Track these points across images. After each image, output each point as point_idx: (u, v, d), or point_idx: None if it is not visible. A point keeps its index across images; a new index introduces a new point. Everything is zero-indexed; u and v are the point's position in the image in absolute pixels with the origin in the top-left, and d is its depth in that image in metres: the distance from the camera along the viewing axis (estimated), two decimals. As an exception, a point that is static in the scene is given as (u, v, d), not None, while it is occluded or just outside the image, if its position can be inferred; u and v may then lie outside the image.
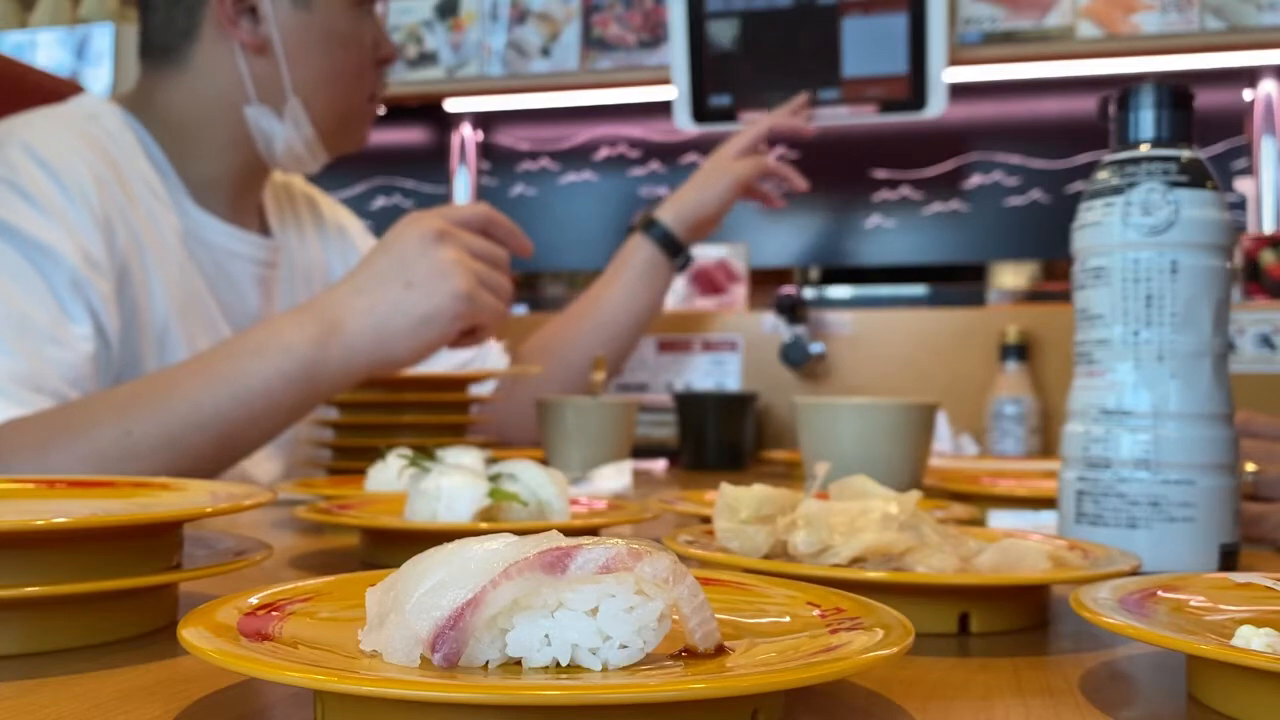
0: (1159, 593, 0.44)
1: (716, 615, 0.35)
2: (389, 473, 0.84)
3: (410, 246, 0.99)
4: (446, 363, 1.29)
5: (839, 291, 2.20)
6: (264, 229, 1.30)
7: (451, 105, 2.30)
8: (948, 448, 1.65)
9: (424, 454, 0.73)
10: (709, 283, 1.95)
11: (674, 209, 1.52)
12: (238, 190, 1.23)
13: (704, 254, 1.94)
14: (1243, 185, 1.98)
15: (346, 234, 1.44)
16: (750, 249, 2.00)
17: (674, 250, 1.52)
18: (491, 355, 1.40)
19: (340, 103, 1.22)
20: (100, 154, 1.10)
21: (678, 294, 1.97)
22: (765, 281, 2.20)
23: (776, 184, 1.67)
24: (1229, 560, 0.64)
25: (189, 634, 0.33)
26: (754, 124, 1.63)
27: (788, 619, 0.39)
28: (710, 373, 1.85)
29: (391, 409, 1.13)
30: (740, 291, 1.95)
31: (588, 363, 1.45)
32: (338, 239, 1.42)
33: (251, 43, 1.16)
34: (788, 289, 1.87)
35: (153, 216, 1.13)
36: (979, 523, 0.77)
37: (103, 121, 1.15)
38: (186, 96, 1.19)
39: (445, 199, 2.39)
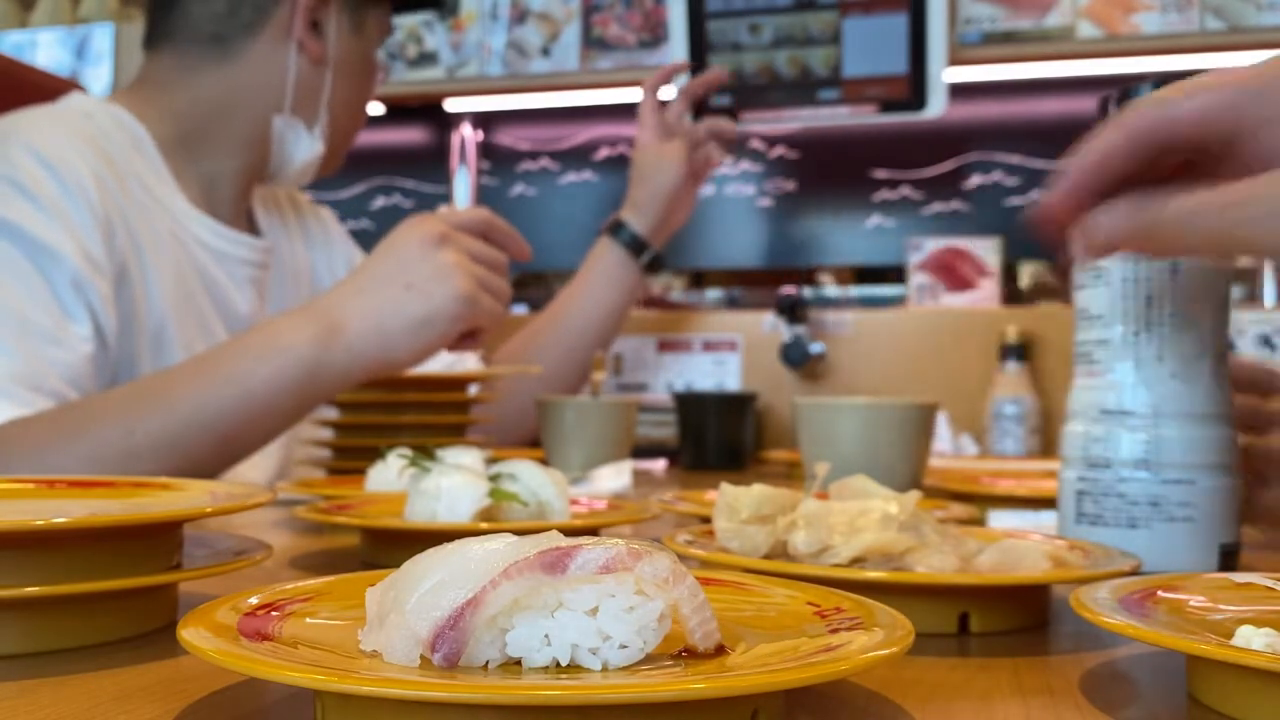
0: (1159, 593, 0.44)
1: (716, 615, 0.35)
2: (389, 473, 0.83)
3: (411, 249, 1.00)
4: (432, 366, 1.30)
5: (839, 291, 2.20)
6: (254, 230, 1.31)
7: (451, 105, 2.30)
8: (948, 448, 1.65)
9: (424, 454, 0.73)
10: (956, 277, 1.86)
11: (635, 209, 1.54)
12: (234, 192, 1.24)
13: (948, 245, 1.83)
14: (1243, 185, 1.98)
15: (329, 234, 1.44)
16: (1006, 243, 1.87)
17: (640, 250, 1.53)
18: (468, 361, 1.40)
19: (353, 126, 1.29)
20: (98, 152, 1.10)
21: (919, 286, 1.84)
22: (765, 282, 2.20)
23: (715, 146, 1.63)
24: (1229, 560, 0.64)
25: (189, 634, 0.33)
26: (646, 104, 1.60)
27: (788, 619, 0.39)
28: (710, 373, 1.85)
29: (391, 409, 1.13)
30: (991, 286, 1.85)
31: (558, 367, 1.45)
32: (321, 238, 1.42)
33: (316, 54, 1.20)
34: (788, 289, 1.87)
35: (149, 216, 1.13)
36: (979, 523, 0.77)
37: (97, 120, 1.15)
38: (220, 89, 1.19)
39: (445, 199, 2.39)
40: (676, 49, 1.89)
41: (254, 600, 0.38)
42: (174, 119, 1.19)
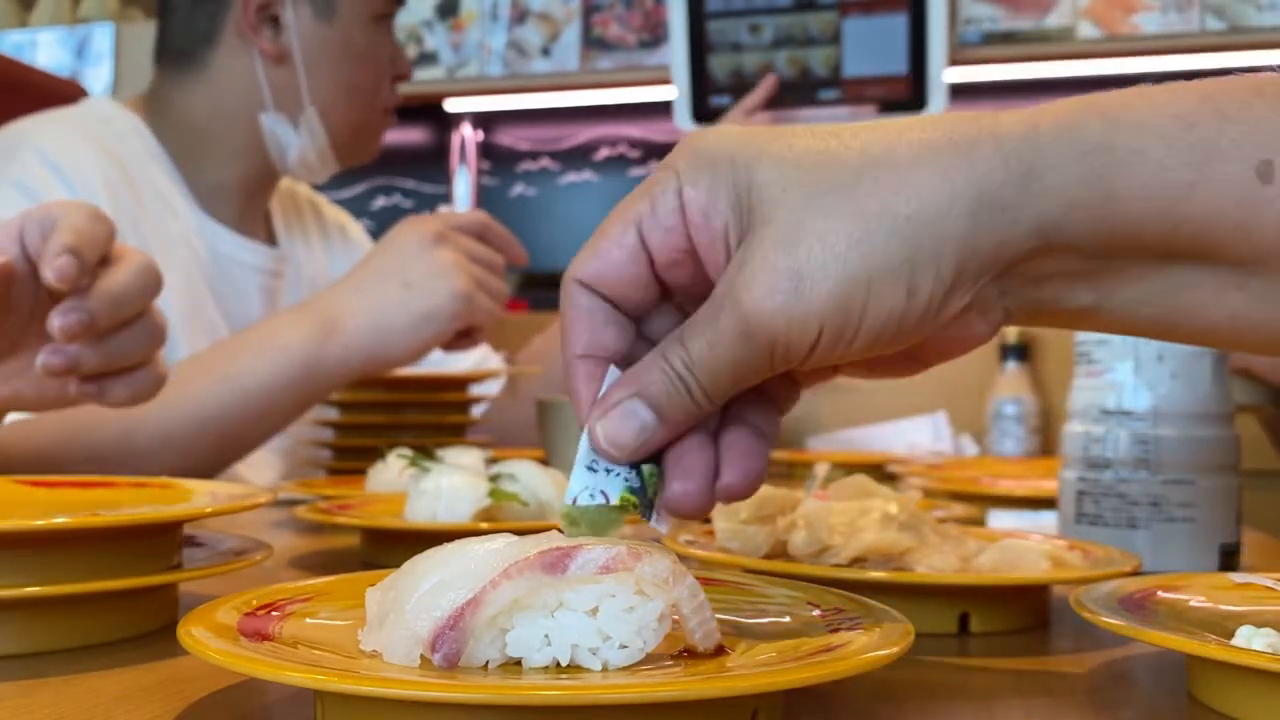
0: (1159, 593, 0.44)
1: (716, 615, 0.35)
2: (389, 473, 0.83)
3: (409, 247, 1.00)
4: (448, 368, 1.29)
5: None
6: (271, 238, 1.30)
7: (451, 105, 2.30)
8: (948, 448, 1.65)
9: (424, 454, 0.73)
10: None
11: None
12: (246, 198, 1.24)
13: None
14: (1243, 185, 1.98)
15: (349, 239, 1.44)
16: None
17: None
18: (488, 362, 1.40)
19: (355, 115, 1.23)
20: (110, 158, 1.10)
21: None
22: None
23: None
24: (1229, 560, 0.64)
25: (189, 634, 0.33)
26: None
27: (788, 619, 0.39)
28: (710, 373, 1.85)
29: (391, 409, 1.13)
30: None
31: None
32: (341, 244, 1.42)
33: (271, 51, 1.17)
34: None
35: (161, 222, 1.13)
36: (979, 523, 0.77)
37: (114, 126, 1.15)
38: (202, 101, 1.19)
39: (445, 199, 2.39)
40: (677, 49, 1.89)
41: (254, 600, 0.38)
42: (174, 130, 1.19)
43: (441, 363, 1.35)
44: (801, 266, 0.35)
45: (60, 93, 1.30)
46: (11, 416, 0.90)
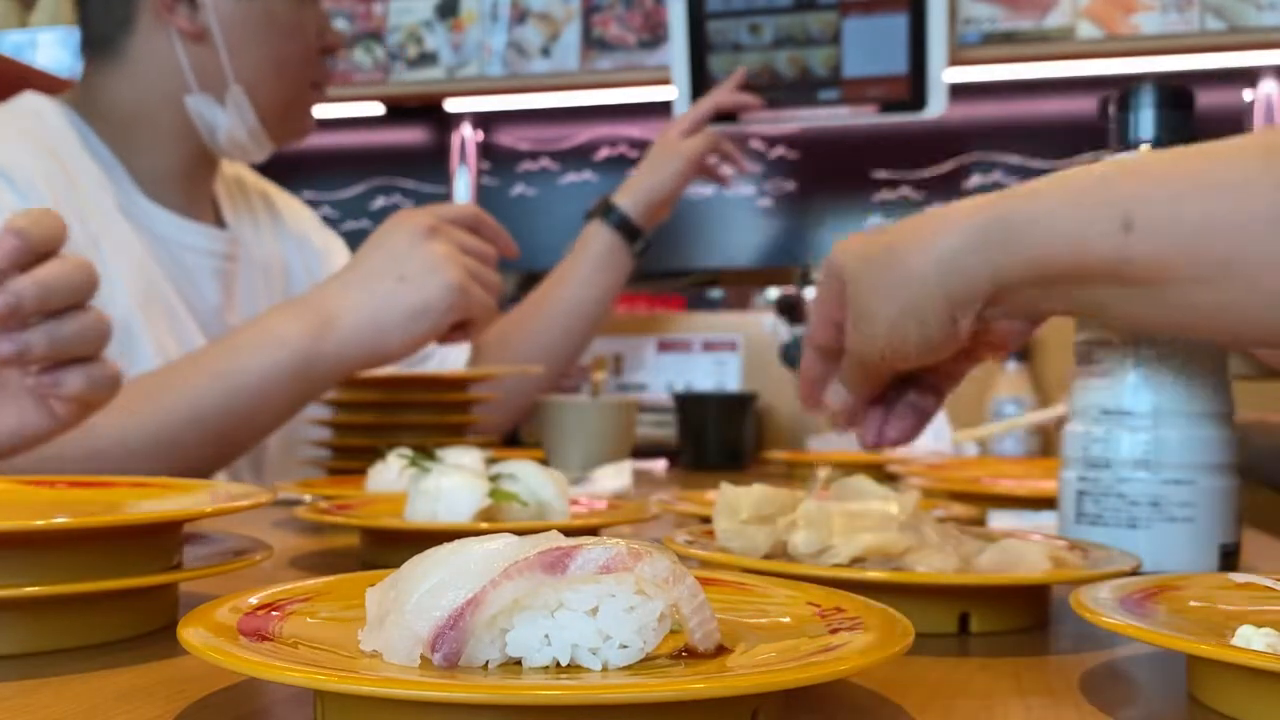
0: (1159, 593, 0.44)
1: (716, 615, 0.35)
2: (389, 473, 0.83)
3: (402, 241, 1.00)
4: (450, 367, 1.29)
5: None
6: (219, 222, 1.29)
7: (451, 105, 2.30)
8: (948, 448, 1.65)
9: (424, 454, 0.73)
10: None
11: (630, 193, 1.50)
12: (187, 182, 1.22)
13: None
14: (1243, 185, 1.98)
15: (303, 225, 1.40)
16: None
17: (632, 236, 1.49)
18: (451, 353, 1.39)
19: (283, 91, 1.20)
20: (46, 152, 1.09)
21: None
22: (765, 282, 2.20)
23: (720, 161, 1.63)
24: (1229, 560, 0.64)
25: (189, 634, 0.33)
26: (698, 103, 1.62)
27: (788, 619, 0.39)
28: (710, 373, 1.85)
29: (391, 409, 1.13)
30: None
31: (543, 354, 1.43)
32: (294, 230, 1.39)
33: (190, 30, 1.14)
34: (788, 289, 1.87)
35: (104, 211, 1.11)
36: (979, 523, 0.77)
37: (45, 119, 1.14)
38: (127, 88, 1.17)
39: (445, 199, 2.39)
40: (676, 49, 1.89)
41: (254, 600, 0.38)
42: (105, 120, 1.17)
43: (447, 359, 1.34)
44: (866, 327, 0.62)
45: (59, 93, 1.29)
46: None
